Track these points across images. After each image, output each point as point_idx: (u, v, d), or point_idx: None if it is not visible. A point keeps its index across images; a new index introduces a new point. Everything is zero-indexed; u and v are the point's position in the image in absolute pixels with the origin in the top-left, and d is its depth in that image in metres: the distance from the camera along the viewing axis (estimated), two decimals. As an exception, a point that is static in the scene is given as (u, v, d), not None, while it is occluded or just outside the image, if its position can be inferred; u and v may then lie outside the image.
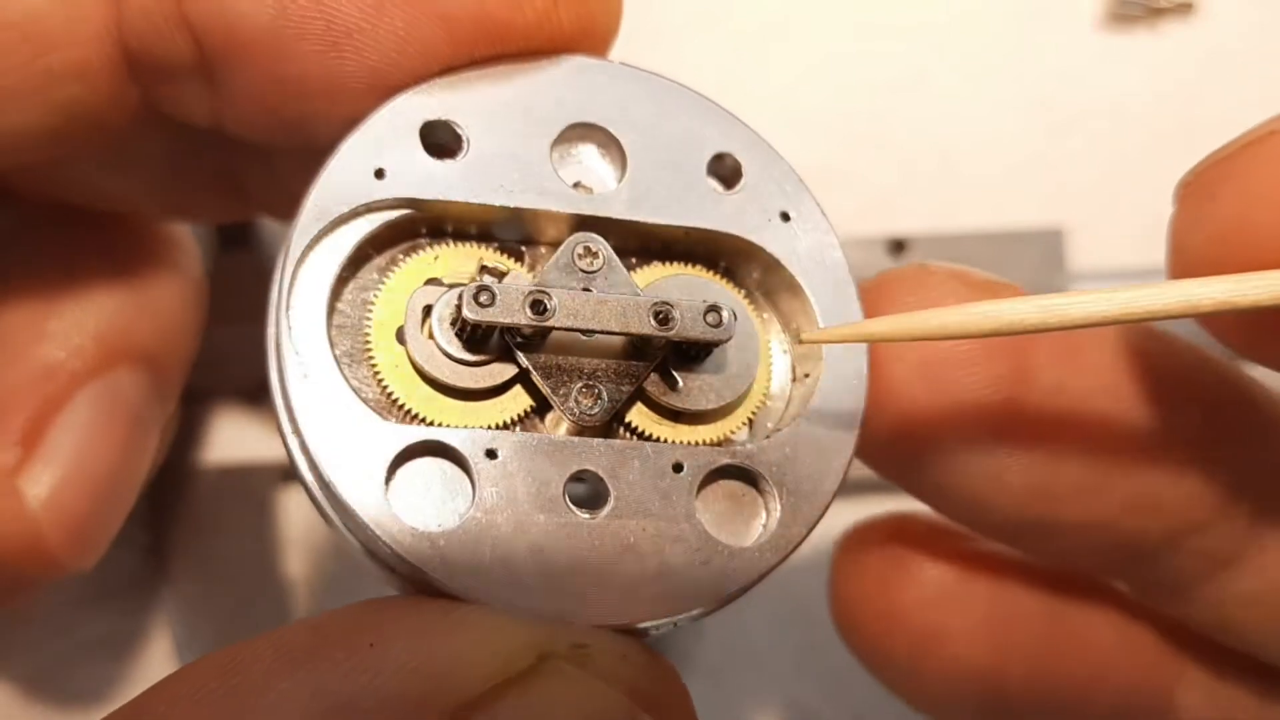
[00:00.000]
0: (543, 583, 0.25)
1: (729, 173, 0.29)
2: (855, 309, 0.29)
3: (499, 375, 0.27)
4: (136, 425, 0.36)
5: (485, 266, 0.28)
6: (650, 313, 0.26)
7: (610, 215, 0.28)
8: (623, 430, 0.27)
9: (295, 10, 0.27)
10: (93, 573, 0.36)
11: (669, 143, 0.28)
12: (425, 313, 0.27)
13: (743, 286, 0.30)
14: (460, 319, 0.26)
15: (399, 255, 0.28)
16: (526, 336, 0.26)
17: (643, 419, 0.27)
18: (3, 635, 0.47)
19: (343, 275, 0.27)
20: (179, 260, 0.38)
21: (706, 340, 0.26)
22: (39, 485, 0.33)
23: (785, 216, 0.29)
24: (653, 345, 0.27)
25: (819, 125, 0.58)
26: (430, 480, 0.25)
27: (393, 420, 0.26)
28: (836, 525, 0.35)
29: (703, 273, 0.29)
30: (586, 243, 0.27)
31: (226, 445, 0.48)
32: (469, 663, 0.22)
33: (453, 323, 0.26)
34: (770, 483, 0.27)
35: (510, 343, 0.26)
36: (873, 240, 0.53)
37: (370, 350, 0.27)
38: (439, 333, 0.26)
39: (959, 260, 0.31)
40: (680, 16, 0.59)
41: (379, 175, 0.26)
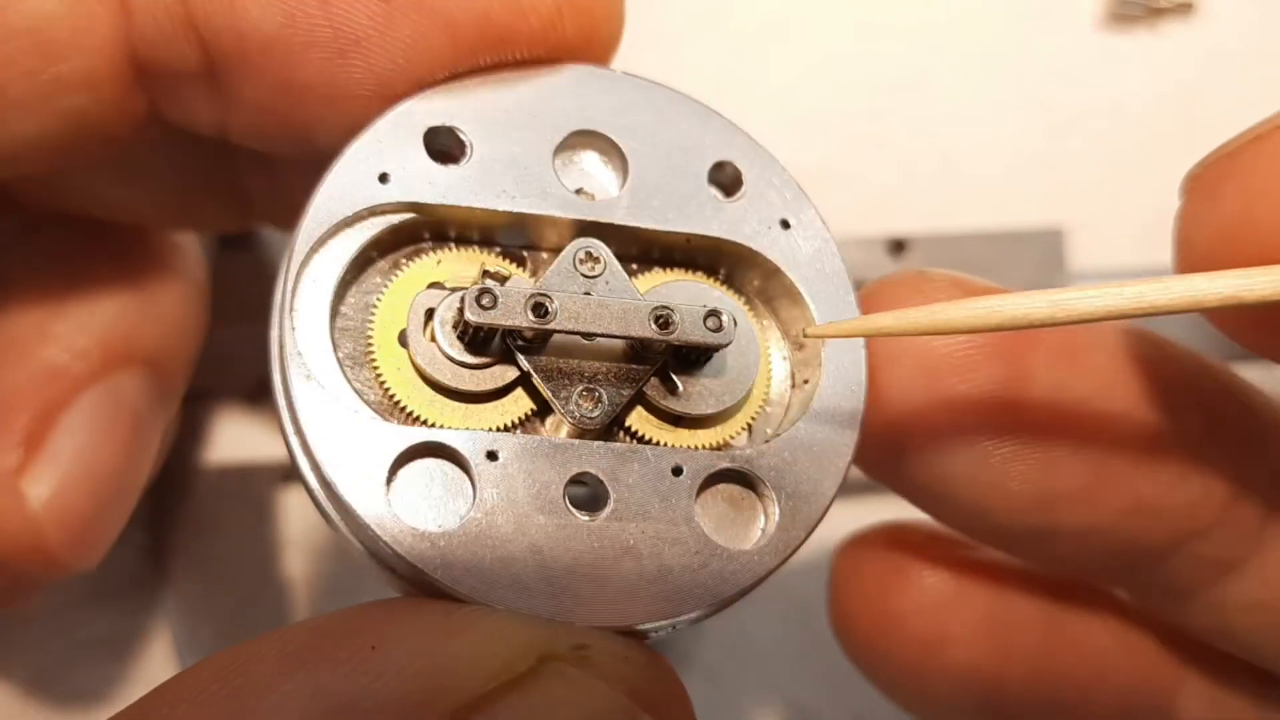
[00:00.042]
0: (543, 584, 0.25)
1: (729, 180, 0.29)
2: (854, 315, 0.29)
3: (500, 378, 0.27)
4: (138, 428, 0.36)
5: (487, 271, 0.28)
6: (651, 316, 0.26)
7: (612, 221, 0.28)
8: (623, 434, 0.27)
9: (304, 18, 0.27)
10: (93, 573, 0.36)
11: (670, 150, 0.28)
12: (428, 316, 0.27)
13: (743, 293, 0.30)
14: (462, 322, 0.26)
15: (402, 259, 0.28)
16: (528, 339, 0.26)
17: (643, 423, 0.28)
18: (3, 635, 0.47)
19: (346, 278, 0.27)
20: (182, 264, 0.38)
21: (707, 344, 0.27)
22: (41, 486, 0.33)
23: (785, 224, 0.29)
24: (653, 349, 0.27)
25: (819, 125, 0.58)
26: (431, 481, 0.25)
27: (394, 422, 0.26)
28: (836, 526, 0.35)
29: (703, 279, 0.29)
30: (588, 248, 0.27)
31: (227, 445, 0.48)
32: (470, 664, 0.22)
33: (455, 325, 0.27)
34: (769, 487, 0.27)
35: (512, 346, 0.26)
36: (873, 240, 0.53)
37: (373, 353, 0.27)
38: (441, 335, 0.27)
39: (959, 260, 0.31)
40: (680, 16, 0.59)
41: (383, 179, 0.27)
